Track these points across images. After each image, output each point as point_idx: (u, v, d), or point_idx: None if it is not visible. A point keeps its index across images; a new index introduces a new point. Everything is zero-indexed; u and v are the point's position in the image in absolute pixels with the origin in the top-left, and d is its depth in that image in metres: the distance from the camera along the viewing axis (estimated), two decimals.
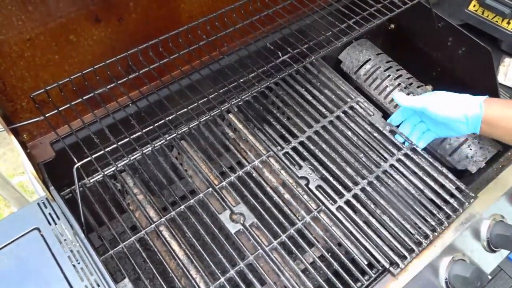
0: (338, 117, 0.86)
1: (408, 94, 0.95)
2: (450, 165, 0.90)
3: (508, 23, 1.10)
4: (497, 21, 1.11)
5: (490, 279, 1.56)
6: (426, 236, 0.72)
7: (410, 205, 0.75)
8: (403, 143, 0.82)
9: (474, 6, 1.13)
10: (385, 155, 0.81)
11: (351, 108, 0.87)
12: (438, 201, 0.76)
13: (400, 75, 0.98)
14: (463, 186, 0.77)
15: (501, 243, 0.76)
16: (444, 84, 0.99)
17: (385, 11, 0.87)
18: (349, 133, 0.84)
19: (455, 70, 0.96)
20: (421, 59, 1.03)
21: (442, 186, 0.77)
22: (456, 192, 0.76)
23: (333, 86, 0.92)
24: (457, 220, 0.74)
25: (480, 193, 0.78)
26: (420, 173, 0.79)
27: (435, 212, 0.74)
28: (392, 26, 1.08)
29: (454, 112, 0.75)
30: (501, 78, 1.08)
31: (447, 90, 0.97)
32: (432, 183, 0.78)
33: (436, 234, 0.72)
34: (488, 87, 0.89)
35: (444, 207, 0.75)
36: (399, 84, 0.97)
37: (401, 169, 0.79)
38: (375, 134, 0.84)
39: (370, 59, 1.02)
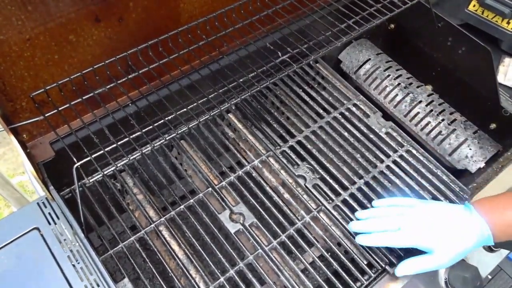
0: (335, 118, 0.86)
1: (407, 94, 0.95)
2: (450, 165, 0.90)
3: (508, 23, 1.10)
4: (497, 21, 1.11)
5: (490, 279, 1.56)
6: None
7: None
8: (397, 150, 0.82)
9: (474, 6, 1.13)
10: (382, 156, 0.81)
11: (348, 109, 0.88)
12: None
13: (400, 75, 0.98)
14: (457, 188, 0.77)
15: (501, 242, 0.76)
16: (444, 84, 0.99)
17: (385, 11, 0.87)
18: (346, 134, 0.84)
19: (455, 70, 0.96)
20: (421, 59, 1.03)
21: (437, 187, 0.78)
22: (450, 194, 0.77)
23: (333, 86, 0.92)
24: None
25: (479, 193, 0.78)
26: (415, 175, 0.79)
27: None
28: (392, 26, 1.08)
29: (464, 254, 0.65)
30: (500, 78, 1.08)
31: (447, 90, 0.98)
32: (427, 185, 0.78)
33: None
34: (488, 87, 0.89)
35: None
36: (398, 84, 0.97)
37: (397, 170, 0.79)
38: (372, 136, 0.84)
39: (370, 59, 1.02)
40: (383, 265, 0.69)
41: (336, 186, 0.78)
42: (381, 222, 0.67)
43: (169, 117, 0.73)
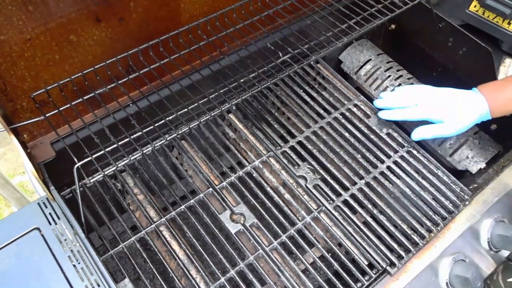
0: (336, 119, 0.86)
1: None
2: (451, 166, 0.90)
3: (509, 23, 1.10)
4: (497, 22, 1.11)
5: None
6: (422, 237, 0.72)
7: (407, 206, 0.76)
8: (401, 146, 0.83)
9: (475, 6, 1.13)
10: (382, 157, 0.81)
11: (349, 110, 0.88)
12: (434, 202, 0.76)
13: (401, 75, 0.98)
14: (458, 189, 0.77)
15: (502, 243, 0.76)
16: (444, 85, 0.99)
17: (385, 12, 0.87)
18: (347, 134, 0.84)
19: (456, 71, 0.96)
20: (422, 60, 1.03)
21: (438, 188, 0.78)
22: (451, 194, 0.77)
23: (333, 86, 0.92)
24: (457, 221, 0.74)
25: (480, 194, 0.78)
26: (416, 175, 0.79)
27: (430, 213, 0.75)
28: (393, 26, 1.08)
29: (467, 125, 0.78)
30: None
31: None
32: (428, 185, 0.78)
33: (432, 235, 0.72)
34: None
35: (439, 209, 0.75)
36: (399, 85, 0.97)
37: (398, 171, 0.79)
38: (372, 136, 0.84)
39: (370, 59, 1.02)
40: (384, 266, 0.69)
41: (337, 187, 0.78)
42: (401, 99, 0.82)
43: (170, 117, 0.73)
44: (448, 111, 0.78)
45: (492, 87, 0.79)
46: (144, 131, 0.71)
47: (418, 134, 0.79)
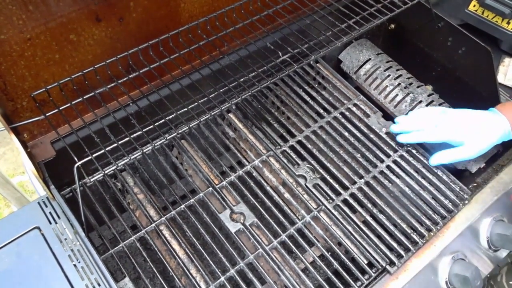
0: (335, 118, 0.86)
1: (407, 94, 0.95)
2: (450, 165, 0.90)
3: (508, 23, 1.10)
4: (497, 21, 1.11)
5: None
6: (422, 236, 0.72)
7: (406, 205, 0.76)
8: (401, 145, 0.83)
9: (474, 6, 1.14)
10: (382, 156, 0.81)
11: (349, 109, 0.88)
12: (433, 202, 0.76)
13: (400, 75, 0.99)
14: (457, 188, 0.77)
15: (501, 242, 0.76)
16: (444, 84, 0.99)
17: (385, 11, 0.87)
18: (346, 133, 0.84)
19: (455, 70, 0.96)
20: (421, 59, 1.03)
21: (437, 187, 0.78)
22: (450, 194, 0.77)
23: (333, 86, 0.92)
24: (457, 220, 0.75)
25: (479, 193, 0.78)
26: (416, 174, 0.79)
27: (430, 212, 0.75)
28: (392, 26, 1.08)
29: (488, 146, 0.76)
30: (500, 78, 1.08)
31: (447, 90, 0.98)
32: (427, 185, 0.78)
33: (432, 234, 0.72)
34: (488, 87, 0.89)
35: (439, 208, 0.75)
36: (399, 84, 0.97)
37: (397, 170, 0.80)
38: (372, 136, 0.84)
39: (370, 59, 1.02)
40: (384, 265, 0.69)
41: (337, 186, 0.78)
42: (417, 121, 0.79)
43: (170, 117, 0.73)
44: (468, 132, 0.76)
45: (510, 107, 0.78)
46: (144, 130, 0.71)
47: (437, 159, 0.77)
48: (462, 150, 0.76)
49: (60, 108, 0.71)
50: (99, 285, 0.64)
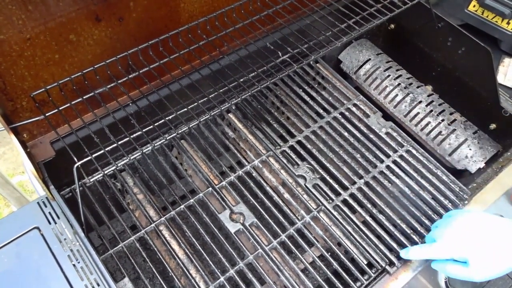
0: (335, 118, 0.86)
1: (407, 94, 0.95)
2: (450, 165, 0.90)
3: (508, 23, 1.10)
4: (496, 21, 1.11)
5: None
6: (422, 236, 0.72)
7: (406, 205, 0.76)
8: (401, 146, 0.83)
9: (474, 6, 1.13)
10: (382, 156, 0.81)
11: (348, 109, 0.88)
12: (433, 202, 0.76)
13: (400, 75, 0.99)
14: (457, 188, 0.77)
15: None
16: (444, 84, 0.99)
17: (385, 11, 0.87)
18: (346, 134, 0.84)
19: (455, 70, 0.96)
20: (421, 59, 1.03)
21: (437, 187, 0.78)
22: (450, 194, 0.77)
23: (333, 86, 0.92)
24: None
25: (479, 193, 0.78)
26: (415, 175, 0.79)
27: (430, 212, 0.75)
28: (392, 26, 1.08)
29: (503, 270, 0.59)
30: (500, 78, 1.08)
31: (447, 90, 0.98)
32: (427, 185, 0.78)
33: None
34: (488, 87, 0.89)
35: (439, 208, 0.75)
36: (398, 84, 0.97)
37: (397, 170, 0.80)
38: (371, 136, 0.84)
39: (370, 59, 1.02)
40: (383, 265, 0.69)
41: (336, 186, 0.78)
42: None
43: (170, 117, 0.73)
44: (474, 251, 0.59)
45: None
46: (143, 130, 0.71)
47: (438, 269, 0.64)
48: (466, 271, 0.60)
49: (60, 108, 0.71)
50: (98, 285, 0.64)
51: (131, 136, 0.69)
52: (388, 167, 0.80)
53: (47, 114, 0.70)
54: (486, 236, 0.60)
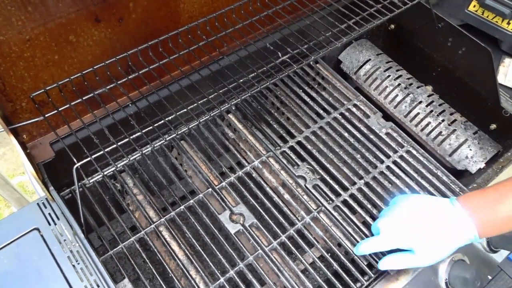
0: (335, 119, 0.86)
1: (407, 94, 0.95)
2: (450, 166, 0.90)
3: (508, 23, 1.10)
4: (497, 22, 1.11)
5: (490, 279, 1.55)
6: None
7: None
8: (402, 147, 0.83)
9: (474, 6, 1.13)
10: (382, 157, 0.81)
11: (348, 110, 0.88)
12: None
13: (400, 76, 0.98)
14: (457, 189, 0.77)
15: (501, 243, 0.76)
16: (444, 85, 0.99)
17: (385, 12, 0.87)
18: (346, 134, 0.84)
19: (455, 71, 0.96)
20: (421, 60, 1.03)
21: (437, 188, 0.78)
22: (450, 194, 0.77)
23: (333, 86, 0.92)
24: None
25: None
26: (416, 175, 0.79)
27: None
28: (392, 26, 1.08)
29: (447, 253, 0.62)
30: (501, 79, 1.08)
31: (447, 91, 0.98)
32: (427, 185, 0.78)
33: None
34: (488, 87, 0.89)
35: None
36: (399, 85, 0.97)
37: (397, 170, 0.79)
38: (372, 136, 0.84)
39: (370, 59, 1.02)
40: None
41: (336, 187, 0.78)
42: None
43: (169, 118, 0.73)
44: (419, 238, 0.62)
45: (481, 200, 0.60)
46: (143, 131, 0.71)
47: (385, 265, 0.65)
48: (413, 258, 0.62)
49: (59, 109, 0.71)
50: (98, 286, 0.64)
51: (131, 137, 0.69)
52: (388, 167, 0.80)
53: (46, 115, 0.70)
54: (428, 220, 0.62)
